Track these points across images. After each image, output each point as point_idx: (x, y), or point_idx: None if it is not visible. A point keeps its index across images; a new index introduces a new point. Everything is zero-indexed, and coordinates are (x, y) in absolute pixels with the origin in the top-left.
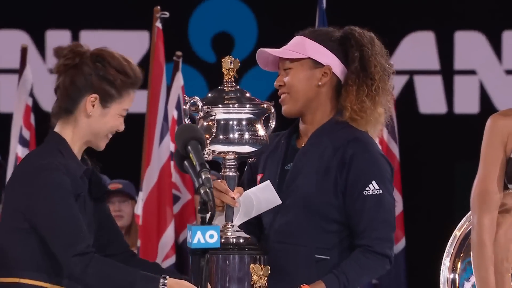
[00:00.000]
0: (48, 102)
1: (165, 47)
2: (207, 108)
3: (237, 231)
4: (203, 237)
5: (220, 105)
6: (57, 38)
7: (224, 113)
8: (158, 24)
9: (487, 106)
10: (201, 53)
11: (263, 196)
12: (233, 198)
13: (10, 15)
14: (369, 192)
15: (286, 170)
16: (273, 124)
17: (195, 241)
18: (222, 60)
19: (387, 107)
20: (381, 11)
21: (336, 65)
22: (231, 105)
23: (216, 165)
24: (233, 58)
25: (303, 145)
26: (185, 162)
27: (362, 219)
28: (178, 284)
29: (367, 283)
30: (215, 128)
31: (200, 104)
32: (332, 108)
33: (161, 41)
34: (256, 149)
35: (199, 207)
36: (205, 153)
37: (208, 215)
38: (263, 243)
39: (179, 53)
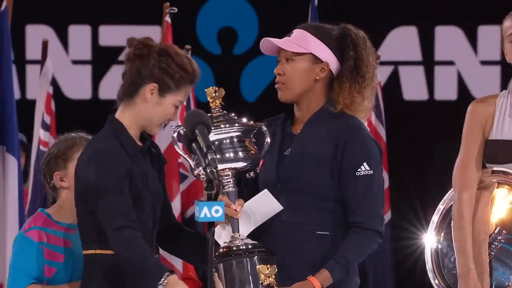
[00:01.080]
0: (69, 90)
1: (175, 40)
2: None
3: (244, 239)
4: (209, 211)
5: (211, 128)
6: (78, 32)
7: (216, 134)
8: (168, 18)
9: (464, 94)
10: (207, 45)
11: (263, 205)
12: (236, 210)
13: (36, 11)
14: (361, 173)
15: (284, 155)
16: (268, 141)
17: (202, 215)
18: (206, 90)
19: (372, 100)
20: (369, 8)
21: (332, 62)
22: (222, 126)
23: None
24: (216, 88)
25: (299, 132)
26: (193, 144)
27: (354, 198)
28: (178, 285)
29: None
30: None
31: (182, 131)
32: (324, 97)
33: (170, 34)
34: (249, 164)
35: (205, 185)
36: (200, 174)
37: (213, 192)
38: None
39: (188, 46)
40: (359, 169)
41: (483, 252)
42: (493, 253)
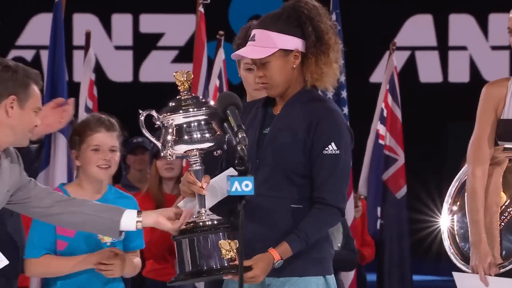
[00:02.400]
0: (112, 74)
1: (209, 27)
2: (168, 115)
3: (209, 214)
4: (240, 186)
5: (181, 111)
6: (120, 20)
7: (184, 117)
8: (201, 8)
9: (476, 76)
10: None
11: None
12: (201, 187)
13: (82, 2)
14: (328, 152)
15: (264, 134)
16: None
17: (233, 189)
18: (174, 74)
19: (340, 60)
20: None
21: (299, 45)
22: (190, 109)
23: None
24: (185, 71)
25: (279, 112)
26: (225, 124)
27: (320, 175)
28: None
29: (373, 222)
30: (176, 132)
31: (155, 115)
32: (302, 77)
33: (203, 23)
34: (214, 144)
35: (236, 161)
36: (168, 155)
37: (243, 168)
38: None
39: (221, 32)
40: (327, 148)
41: (494, 222)
42: (503, 224)
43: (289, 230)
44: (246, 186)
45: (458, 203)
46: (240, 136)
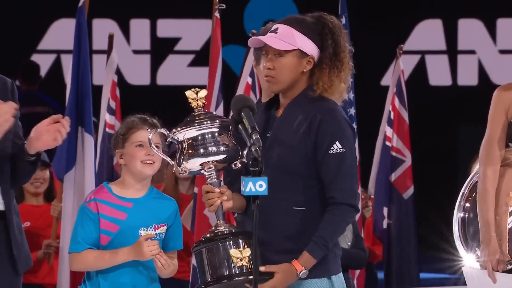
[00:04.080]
0: (131, 77)
1: (225, 32)
2: (183, 129)
3: (227, 225)
4: (254, 186)
5: (195, 124)
6: (139, 25)
7: (198, 130)
8: (217, 14)
9: (484, 80)
10: None
11: None
12: (220, 194)
13: (101, 7)
14: (333, 151)
15: (267, 137)
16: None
17: (247, 189)
18: (186, 92)
19: (348, 80)
20: (398, 2)
21: (316, 53)
22: (204, 123)
23: None
24: (198, 90)
25: (281, 114)
26: (239, 126)
27: (328, 175)
28: None
29: (379, 222)
30: (189, 146)
31: (166, 132)
32: (305, 83)
33: (219, 28)
34: (228, 156)
35: (250, 162)
36: (182, 170)
37: (258, 169)
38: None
39: (254, 31)
40: (332, 148)
41: (503, 221)
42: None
43: (291, 233)
44: (260, 186)
45: (470, 202)
46: (254, 138)
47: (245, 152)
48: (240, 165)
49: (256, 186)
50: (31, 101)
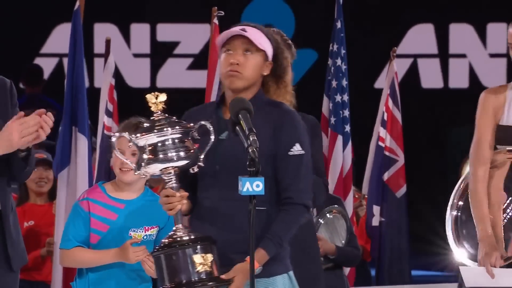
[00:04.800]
0: (131, 80)
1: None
2: (143, 135)
3: (186, 229)
4: (251, 186)
5: (155, 130)
6: (139, 29)
7: (158, 136)
8: (215, 20)
9: (475, 83)
10: None
11: None
12: (180, 199)
13: (102, 12)
14: (293, 153)
15: (220, 139)
16: (213, 138)
17: (245, 189)
18: (146, 96)
19: (292, 99)
20: (390, 7)
21: (270, 60)
22: (165, 129)
23: None
24: (157, 94)
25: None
26: (237, 127)
27: (286, 176)
28: None
29: (369, 220)
30: (150, 151)
31: (128, 137)
32: (258, 87)
33: (217, 34)
34: (190, 162)
35: (247, 163)
36: (143, 174)
37: (254, 169)
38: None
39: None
40: (292, 150)
41: (498, 219)
42: (506, 220)
43: (256, 232)
44: (257, 186)
45: (463, 201)
46: (251, 139)
47: (202, 156)
48: (197, 169)
49: (253, 186)
50: (34, 104)
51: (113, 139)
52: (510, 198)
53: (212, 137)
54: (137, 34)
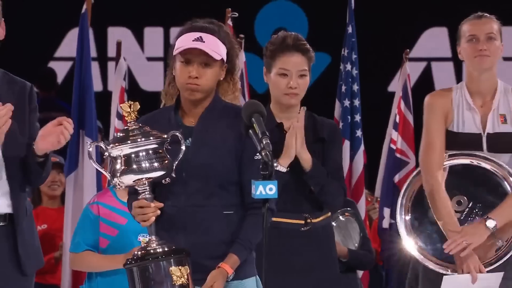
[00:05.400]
0: (144, 83)
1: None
2: (116, 145)
3: (159, 242)
4: (264, 189)
5: (128, 141)
6: (152, 33)
7: (132, 147)
8: (229, 22)
9: None
10: (264, 44)
11: None
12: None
13: (116, 15)
14: (258, 157)
15: (186, 146)
16: (183, 148)
17: (258, 193)
18: (120, 105)
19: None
20: (404, 10)
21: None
22: (138, 139)
23: None
24: (131, 102)
25: (198, 123)
26: (250, 131)
27: (253, 179)
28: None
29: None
30: (124, 162)
31: (103, 146)
32: (215, 90)
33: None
34: (164, 172)
35: (260, 166)
36: (117, 184)
37: (268, 172)
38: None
39: (241, 35)
40: (257, 154)
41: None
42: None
43: (225, 236)
44: (270, 189)
45: (413, 210)
46: (264, 143)
47: (174, 166)
48: (169, 180)
49: (267, 189)
50: (48, 107)
51: (90, 148)
52: (470, 203)
53: (183, 147)
54: (150, 37)
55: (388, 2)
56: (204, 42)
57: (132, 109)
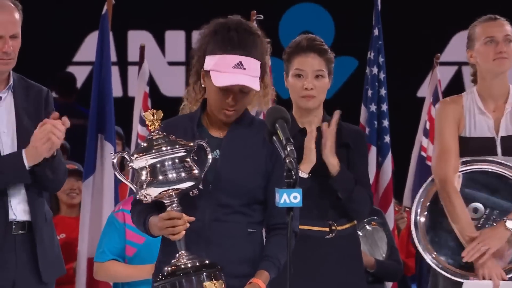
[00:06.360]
0: (165, 89)
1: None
2: (141, 155)
3: (190, 256)
4: (288, 197)
5: (153, 151)
6: (173, 36)
7: (157, 157)
8: (254, 24)
9: None
10: None
11: None
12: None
13: (136, 19)
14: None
15: (213, 158)
16: (210, 158)
17: (282, 201)
18: (144, 114)
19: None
20: (433, 13)
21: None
22: (163, 148)
23: None
24: (154, 111)
25: (227, 135)
26: (274, 137)
27: None
28: None
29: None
30: (150, 172)
31: (127, 157)
32: None
33: None
34: (193, 183)
35: (285, 174)
36: (143, 197)
37: (292, 180)
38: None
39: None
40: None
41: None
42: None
43: (248, 255)
44: (294, 198)
45: (428, 208)
46: (288, 149)
47: (202, 176)
48: (197, 192)
49: (291, 197)
50: (67, 113)
51: (114, 160)
52: (487, 210)
53: (210, 157)
54: (172, 41)
55: (415, 4)
56: (245, 69)
57: (155, 118)
